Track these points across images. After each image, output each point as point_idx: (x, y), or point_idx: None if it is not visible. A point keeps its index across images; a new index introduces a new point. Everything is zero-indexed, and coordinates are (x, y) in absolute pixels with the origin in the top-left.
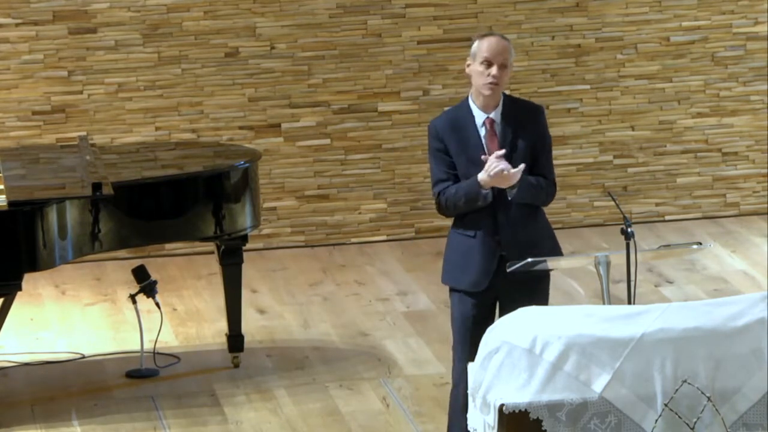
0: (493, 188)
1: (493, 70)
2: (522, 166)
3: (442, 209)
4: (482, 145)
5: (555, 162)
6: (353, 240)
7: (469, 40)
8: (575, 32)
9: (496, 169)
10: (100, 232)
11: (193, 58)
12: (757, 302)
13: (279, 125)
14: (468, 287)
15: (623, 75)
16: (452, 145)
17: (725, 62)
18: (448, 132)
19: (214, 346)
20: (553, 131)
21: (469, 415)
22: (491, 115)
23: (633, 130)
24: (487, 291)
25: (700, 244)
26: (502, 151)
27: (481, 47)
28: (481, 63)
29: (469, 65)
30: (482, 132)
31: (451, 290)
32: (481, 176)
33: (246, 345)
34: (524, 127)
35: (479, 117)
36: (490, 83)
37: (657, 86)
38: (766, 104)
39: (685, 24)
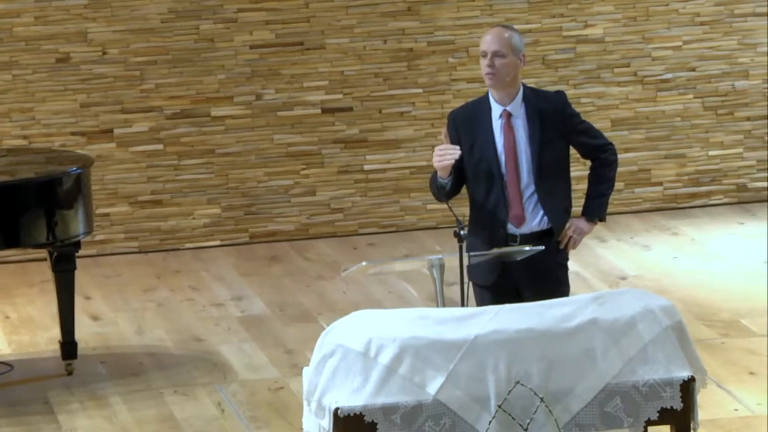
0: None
1: (488, 60)
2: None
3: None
4: (494, 138)
5: (388, 165)
6: (187, 245)
7: (302, 44)
8: (407, 36)
9: (444, 162)
10: None
11: (24, 64)
12: (588, 303)
13: (111, 131)
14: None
15: (455, 78)
16: (465, 136)
17: (556, 65)
18: (464, 123)
19: (48, 354)
20: (386, 135)
21: (303, 419)
22: (508, 108)
23: None
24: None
25: (532, 246)
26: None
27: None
28: (481, 56)
29: None
30: (498, 125)
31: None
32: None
33: (80, 352)
34: (550, 116)
35: (496, 110)
36: (487, 73)
37: None
38: (597, 107)
39: (515, 27)
